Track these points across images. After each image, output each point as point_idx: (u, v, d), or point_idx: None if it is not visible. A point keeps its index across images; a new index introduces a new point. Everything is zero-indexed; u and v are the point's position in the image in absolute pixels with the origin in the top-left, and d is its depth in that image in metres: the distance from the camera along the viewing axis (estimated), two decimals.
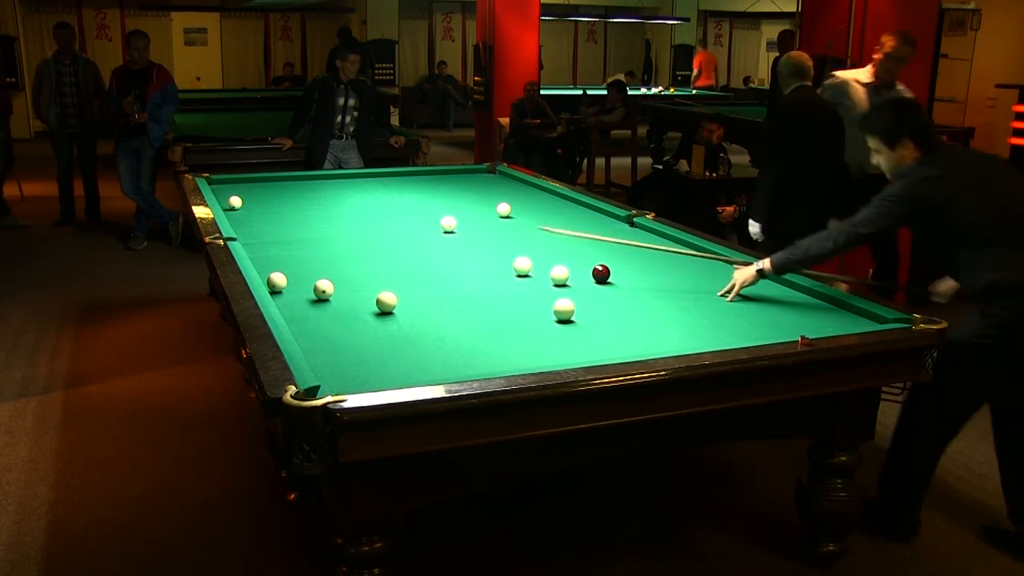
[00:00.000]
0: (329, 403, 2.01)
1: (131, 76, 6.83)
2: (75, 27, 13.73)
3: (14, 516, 3.20)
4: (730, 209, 5.72)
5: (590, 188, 8.55)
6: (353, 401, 2.03)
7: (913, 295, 4.45)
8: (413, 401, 2.07)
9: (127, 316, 5.47)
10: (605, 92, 10.29)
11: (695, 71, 14.84)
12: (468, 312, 2.88)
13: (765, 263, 2.98)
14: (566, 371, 2.25)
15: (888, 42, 4.71)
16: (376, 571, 2.28)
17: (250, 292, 2.84)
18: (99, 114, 7.61)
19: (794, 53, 4.88)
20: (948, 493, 3.46)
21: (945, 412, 2.96)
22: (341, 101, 6.30)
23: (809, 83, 4.64)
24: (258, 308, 2.67)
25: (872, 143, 2.94)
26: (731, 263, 3.24)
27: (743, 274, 3.02)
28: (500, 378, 2.19)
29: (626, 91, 9.66)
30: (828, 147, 4.58)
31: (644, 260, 3.54)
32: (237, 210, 4.34)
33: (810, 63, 4.65)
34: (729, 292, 3.03)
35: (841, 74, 4.93)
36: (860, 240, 2.86)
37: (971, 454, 3.71)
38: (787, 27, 9.94)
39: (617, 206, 4.49)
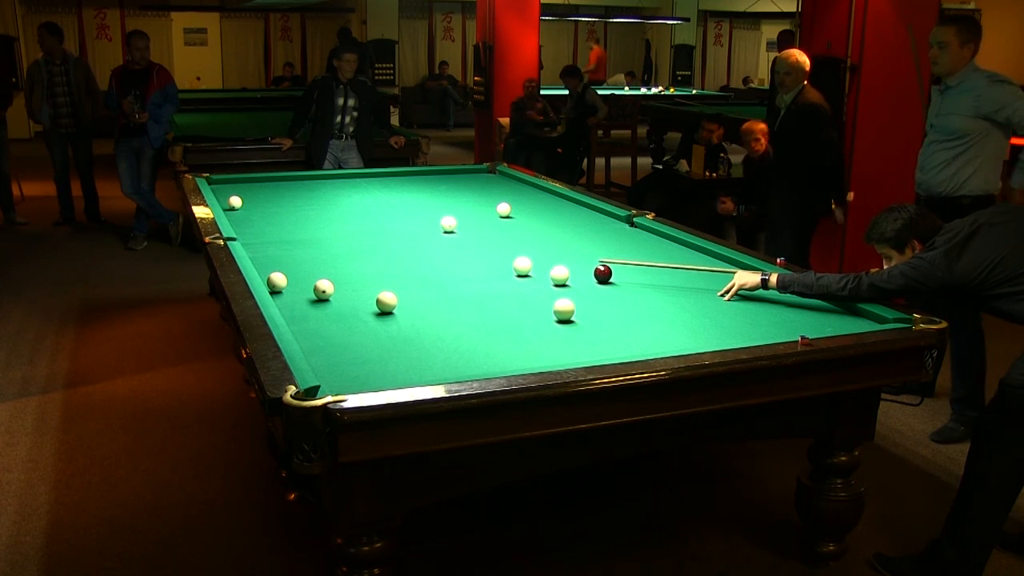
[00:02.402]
0: (329, 403, 2.01)
1: (131, 76, 6.83)
2: (75, 27, 13.89)
3: (14, 516, 3.20)
4: (730, 204, 5.70)
5: (590, 188, 8.55)
6: (353, 401, 2.03)
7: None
8: (413, 401, 2.07)
9: (127, 316, 5.47)
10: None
11: (592, 65, 14.90)
12: (468, 312, 2.88)
13: (772, 277, 2.98)
14: (566, 371, 2.25)
15: None
16: (376, 571, 2.28)
17: (250, 292, 2.84)
18: (92, 113, 7.61)
19: (801, 52, 4.93)
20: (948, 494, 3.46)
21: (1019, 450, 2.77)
22: (341, 101, 6.30)
23: None
24: (258, 308, 2.67)
25: (881, 249, 2.94)
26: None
27: (745, 278, 3.01)
28: (500, 378, 2.19)
29: (581, 77, 9.61)
30: None
31: (644, 260, 3.53)
32: (237, 210, 4.34)
33: None
34: (727, 292, 3.03)
35: None
36: (872, 291, 2.80)
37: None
38: (787, 27, 9.95)
39: (617, 206, 4.49)
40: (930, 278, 2.74)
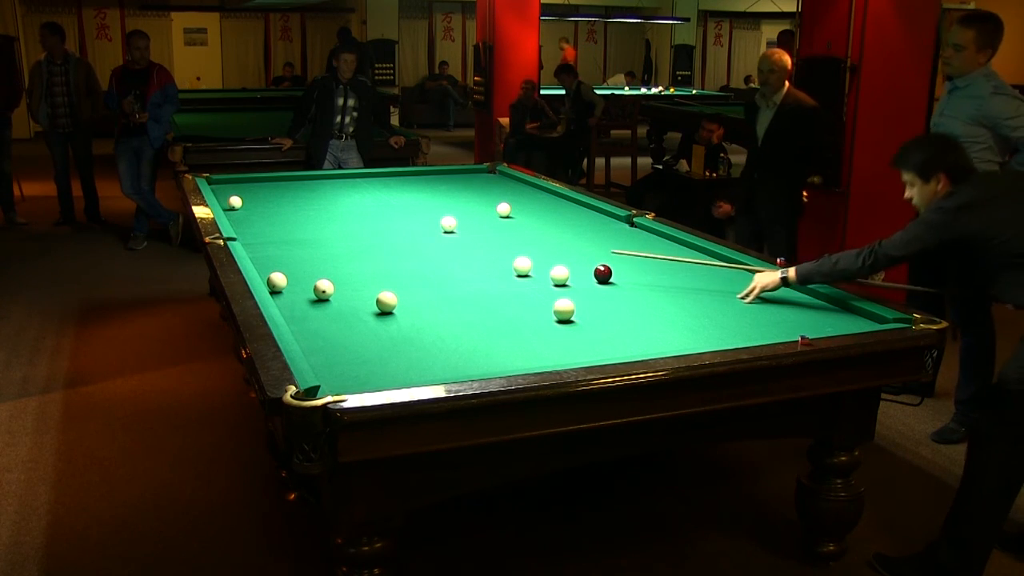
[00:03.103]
0: (329, 403, 2.01)
1: (131, 76, 6.84)
2: (75, 27, 13.89)
3: (14, 516, 3.20)
4: (727, 207, 5.70)
5: (590, 188, 8.54)
6: (353, 401, 2.03)
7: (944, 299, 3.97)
8: (413, 401, 2.07)
9: (127, 316, 5.47)
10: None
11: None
12: (468, 312, 2.88)
13: (790, 272, 2.96)
14: (566, 371, 2.25)
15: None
16: (376, 571, 2.28)
17: (250, 292, 2.84)
18: (92, 114, 7.62)
19: (783, 51, 4.94)
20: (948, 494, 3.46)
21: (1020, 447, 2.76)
22: (340, 101, 6.30)
23: None
24: (258, 308, 2.67)
25: (906, 176, 2.89)
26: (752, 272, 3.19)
27: (765, 279, 3.00)
28: (500, 378, 2.19)
29: (575, 73, 9.63)
30: None
31: (644, 260, 3.53)
32: (237, 210, 4.34)
33: None
34: (748, 294, 3.01)
35: None
36: (889, 262, 2.81)
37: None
38: (787, 27, 9.94)
39: (617, 206, 4.49)
40: (942, 229, 2.72)
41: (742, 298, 3.02)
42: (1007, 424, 2.72)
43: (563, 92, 9.57)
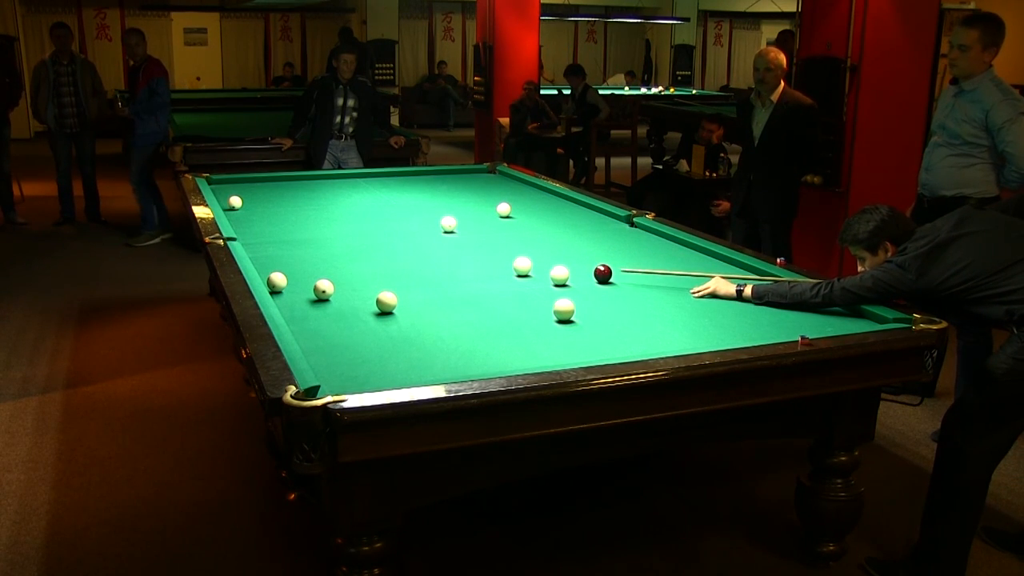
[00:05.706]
0: (329, 403, 2.01)
1: (134, 73, 7.06)
2: (75, 27, 13.89)
3: (14, 516, 3.20)
4: (726, 205, 5.70)
5: (590, 188, 8.55)
6: (353, 401, 2.03)
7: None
8: (413, 401, 2.07)
9: (127, 316, 5.47)
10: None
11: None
12: (468, 312, 2.88)
13: (747, 288, 2.99)
14: (566, 371, 2.25)
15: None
16: (376, 571, 2.28)
17: (250, 292, 2.84)
18: (99, 113, 7.67)
19: (778, 50, 4.93)
20: None
21: (993, 436, 2.76)
22: (340, 101, 6.30)
23: None
24: (258, 308, 2.67)
25: (854, 251, 2.95)
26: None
27: (722, 287, 3.02)
28: (500, 378, 2.19)
29: (583, 75, 9.66)
30: None
31: (644, 260, 3.53)
32: (237, 210, 4.35)
33: None
34: (700, 291, 3.04)
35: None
36: (845, 296, 2.81)
37: None
38: (787, 27, 9.94)
39: (617, 206, 4.49)
40: (901, 283, 2.74)
41: (693, 293, 3.05)
42: (987, 407, 2.71)
43: (566, 92, 9.58)
